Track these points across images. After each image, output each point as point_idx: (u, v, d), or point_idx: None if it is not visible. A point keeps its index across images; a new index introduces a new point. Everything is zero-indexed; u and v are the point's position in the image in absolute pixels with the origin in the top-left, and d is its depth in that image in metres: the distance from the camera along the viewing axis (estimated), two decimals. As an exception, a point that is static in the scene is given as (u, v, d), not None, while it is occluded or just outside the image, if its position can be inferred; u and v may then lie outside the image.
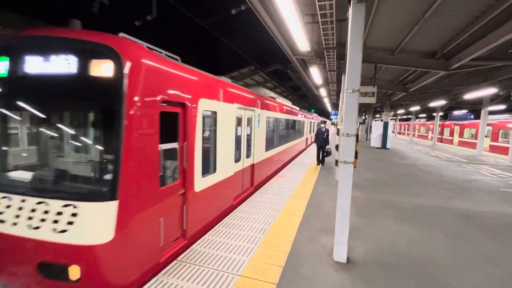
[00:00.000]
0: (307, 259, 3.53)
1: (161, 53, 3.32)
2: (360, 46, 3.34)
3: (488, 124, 20.11)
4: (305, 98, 35.53)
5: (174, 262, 3.29)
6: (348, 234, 3.50)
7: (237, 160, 5.64)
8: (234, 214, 5.00)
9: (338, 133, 7.85)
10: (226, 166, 5.05)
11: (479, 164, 13.35)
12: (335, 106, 28.19)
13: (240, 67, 16.64)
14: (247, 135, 6.34)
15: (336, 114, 25.04)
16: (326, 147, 10.73)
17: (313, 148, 15.50)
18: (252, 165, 6.75)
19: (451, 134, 28.31)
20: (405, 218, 5.28)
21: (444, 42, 7.30)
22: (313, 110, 31.20)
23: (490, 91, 12.28)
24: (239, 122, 5.70)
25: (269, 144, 8.28)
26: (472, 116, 26.87)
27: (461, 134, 25.88)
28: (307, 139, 18.73)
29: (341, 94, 8.63)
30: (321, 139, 10.64)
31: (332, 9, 4.46)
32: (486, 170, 11.67)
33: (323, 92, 17.51)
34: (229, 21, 8.97)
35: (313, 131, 21.37)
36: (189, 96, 3.59)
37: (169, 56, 3.47)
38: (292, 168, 10.08)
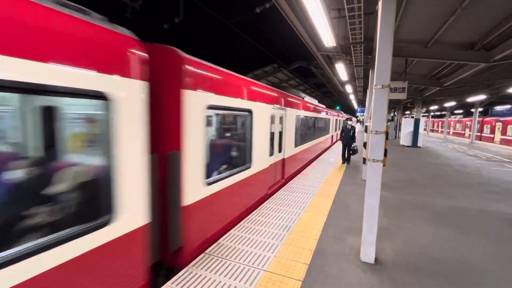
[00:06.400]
0: (333, 258, 3.49)
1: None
2: (390, 40, 3.21)
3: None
4: (329, 95, 34.68)
5: (202, 255, 3.43)
6: (377, 235, 3.40)
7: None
8: (259, 211, 5.07)
9: (366, 131, 7.59)
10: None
11: (525, 165, 12.16)
12: (361, 102, 27.19)
13: (264, 65, 16.65)
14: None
15: (363, 111, 24.13)
16: (352, 145, 10.40)
17: (339, 145, 15.11)
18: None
19: (492, 131, 25.99)
20: (439, 221, 4.99)
21: (484, 32, 6.73)
22: (338, 107, 30.37)
23: (540, 83, 11.09)
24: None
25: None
26: (517, 112, 24.50)
27: (503, 131, 23.66)
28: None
29: (368, 90, 8.32)
30: (347, 137, 10.33)
31: (360, 3, 4.32)
32: (533, 171, 10.60)
33: (348, 88, 16.96)
34: (253, 20, 9.02)
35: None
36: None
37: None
38: (317, 166, 9.93)
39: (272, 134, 5.87)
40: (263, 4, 7.65)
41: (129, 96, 2.20)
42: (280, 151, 6.58)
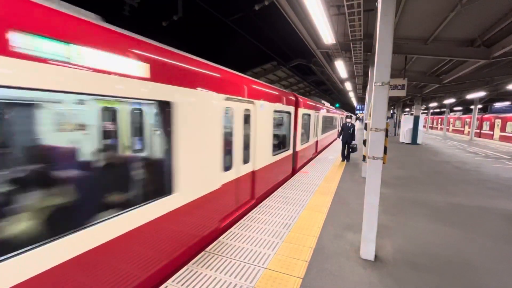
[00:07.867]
0: (333, 255, 3.50)
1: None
2: (390, 37, 3.20)
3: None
4: (329, 93, 34.65)
5: (203, 253, 3.44)
6: (377, 232, 3.41)
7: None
8: (259, 209, 5.07)
9: (365, 128, 7.60)
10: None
11: (524, 161, 12.18)
12: (361, 100, 27.17)
13: (263, 62, 16.62)
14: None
15: (362, 109, 24.10)
16: (352, 143, 10.41)
17: (338, 143, 15.12)
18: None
19: (491, 128, 26.02)
20: (439, 218, 5.00)
21: (484, 28, 6.71)
22: (337, 105, 30.34)
23: (539, 80, 11.09)
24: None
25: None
26: (516, 108, 24.54)
27: (503, 128, 23.70)
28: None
29: (368, 88, 8.32)
30: (347, 135, 10.33)
31: (359, -1, 4.30)
32: (533, 167, 10.62)
33: (348, 86, 16.95)
34: (252, 17, 8.98)
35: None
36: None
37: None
38: (316, 164, 9.94)
39: None
40: (262, 2, 7.61)
41: None
42: None
